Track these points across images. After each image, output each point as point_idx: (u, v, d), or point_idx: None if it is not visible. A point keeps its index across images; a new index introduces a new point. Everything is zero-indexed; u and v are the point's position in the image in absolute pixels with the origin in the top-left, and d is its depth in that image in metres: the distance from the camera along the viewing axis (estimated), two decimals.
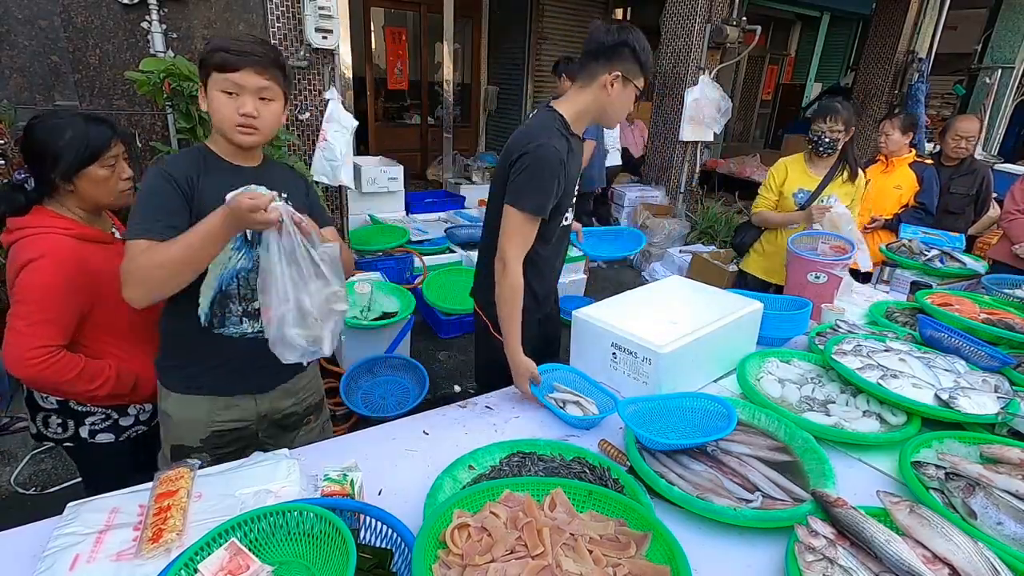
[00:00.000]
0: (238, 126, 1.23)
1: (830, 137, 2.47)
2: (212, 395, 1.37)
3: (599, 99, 1.58)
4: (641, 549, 0.96)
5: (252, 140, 1.27)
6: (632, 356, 1.53)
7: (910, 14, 6.33)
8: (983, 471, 1.13)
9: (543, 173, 1.50)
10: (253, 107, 1.22)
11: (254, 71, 1.21)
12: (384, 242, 4.28)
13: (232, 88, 1.21)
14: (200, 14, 2.97)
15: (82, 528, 1.00)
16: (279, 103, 1.28)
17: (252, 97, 1.22)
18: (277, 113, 1.29)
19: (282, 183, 1.34)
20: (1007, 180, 4.04)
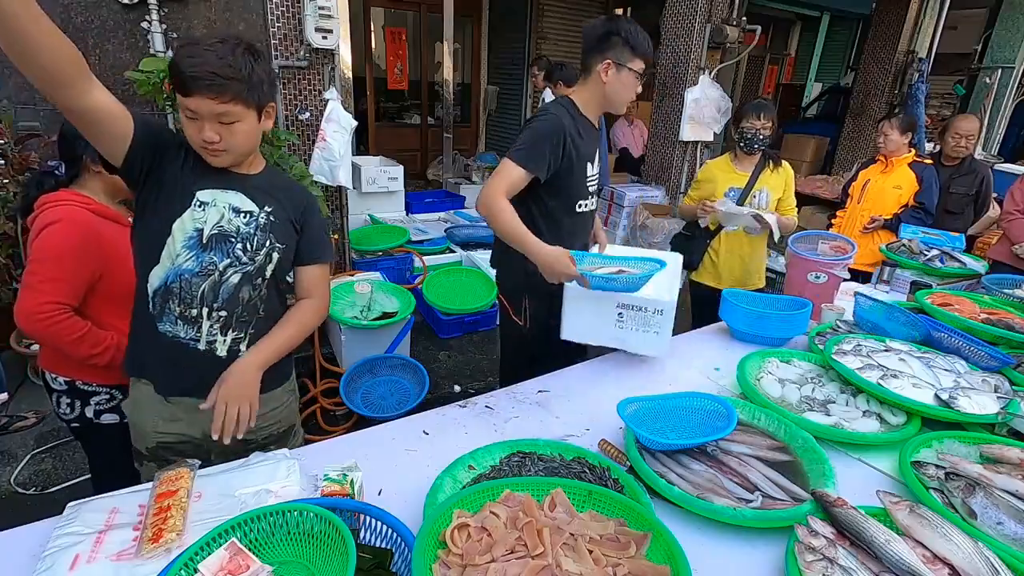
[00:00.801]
0: (203, 149, 1.18)
1: (763, 134, 2.52)
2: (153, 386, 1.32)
3: (599, 88, 1.75)
4: (641, 549, 0.96)
5: (222, 161, 1.21)
6: (642, 312, 1.69)
7: (910, 14, 6.33)
8: (983, 471, 1.13)
9: (544, 133, 1.69)
10: (213, 133, 1.14)
11: (207, 97, 1.10)
12: (384, 242, 4.29)
13: (190, 113, 1.13)
14: (200, 14, 2.97)
15: (82, 528, 1.00)
16: (247, 122, 1.18)
17: (211, 122, 1.14)
18: (245, 132, 1.19)
19: (272, 197, 1.30)
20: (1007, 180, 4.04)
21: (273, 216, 1.30)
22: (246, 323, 1.31)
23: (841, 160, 7.09)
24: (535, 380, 1.68)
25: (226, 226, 1.25)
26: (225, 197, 1.25)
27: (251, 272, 1.29)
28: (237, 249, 1.26)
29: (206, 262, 1.24)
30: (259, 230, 1.28)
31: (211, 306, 1.27)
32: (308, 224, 1.38)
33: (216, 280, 1.25)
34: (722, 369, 1.76)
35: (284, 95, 3.28)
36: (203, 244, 1.23)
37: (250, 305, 1.31)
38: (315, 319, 1.42)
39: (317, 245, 1.41)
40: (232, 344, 1.30)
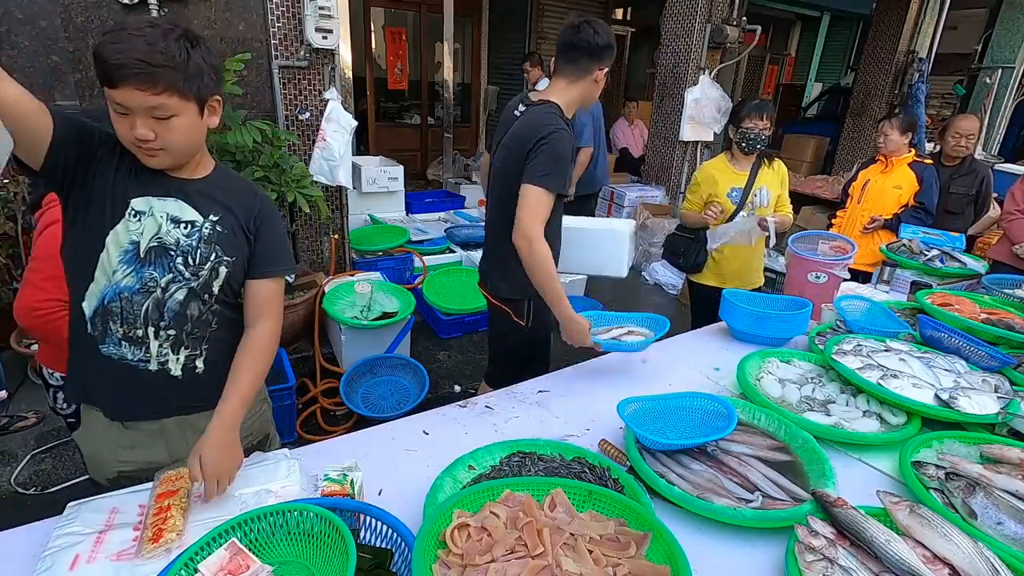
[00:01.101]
0: (137, 148, 1.04)
1: (765, 134, 2.53)
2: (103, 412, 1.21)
3: (588, 90, 1.81)
4: (641, 549, 0.96)
5: (160, 162, 1.08)
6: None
7: (910, 14, 6.33)
8: (983, 471, 1.13)
9: (564, 154, 1.69)
10: (146, 129, 1.00)
11: (136, 88, 0.96)
12: (384, 242, 4.29)
13: (119, 108, 0.99)
14: (200, 14, 2.97)
15: (82, 528, 1.00)
16: (185, 117, 1.04)
17: (143, 117, 1.00)
18: (184, 129, 1.05)
19: (219, 204, 1.18)
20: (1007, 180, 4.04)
21: (220, 226, 1.17)
22: (199, 339, 1.20)
23: (841, 160, 7.09)
24: (535, 380, 1.68)
25: (165, 238, 1.12)
26: (163, 205, 1.12)
27: (196, 288, 1.17)
28: (178, 263, 1.14)
29: (146, 278, 1.12)
30: (202, 242, 1.16)
31: (157, 325, 1.15)
32: (263, 232, 1.23)
33: (159, 297, 1.14)
34: (722, 369, 1.76)
35: (284, 95, 3.28)
36: (141, 258, 1.11)
37: (201, 321, 1.19)
38: (271, 351, 1.25)
39: (271, 256, 1.24)
40: (187, 362, 1.20)
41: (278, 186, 2.84)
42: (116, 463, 1.22)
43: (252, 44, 3.14)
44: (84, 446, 1.26)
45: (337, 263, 3.70)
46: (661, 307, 4.68)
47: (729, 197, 2.60)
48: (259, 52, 3.16)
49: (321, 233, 3.69)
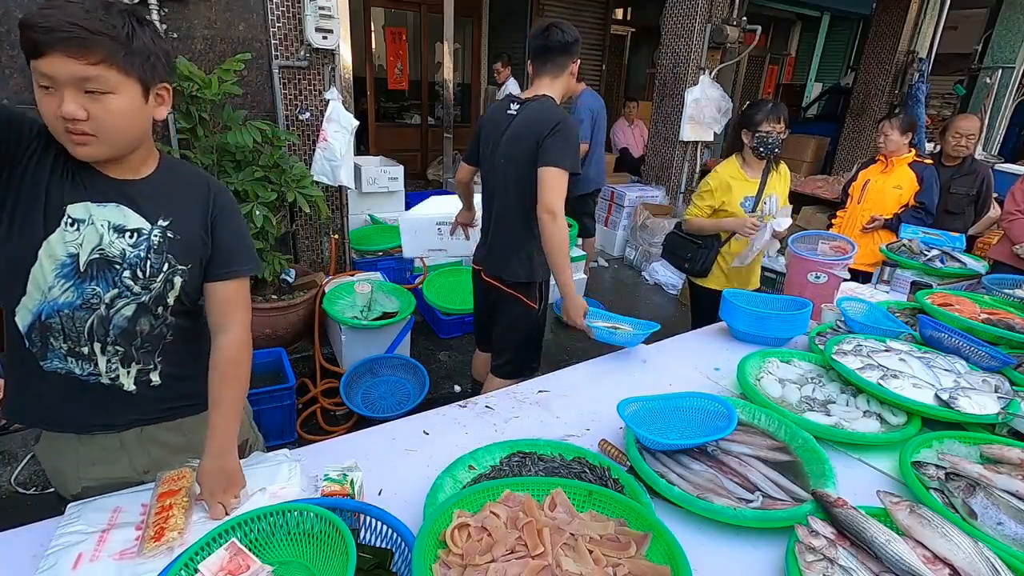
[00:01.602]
0: (65, 134, 0.89)
1: (781, 138, 2.46)
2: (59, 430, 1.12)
3: (568, 83, 2.04)
4: (641, 549, 0.96)
5: (91, 152, 0.92)
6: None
7: (910, 14, 6.33)
8: (983, 471, 1.13)
9: (575, 138, 1.91)
10: (75, 106, 0.86)
11: (65, 54, 0.83)
12: (384, 242, 4.29)
13: (45, 81, 0.85)
14: (200, 14, 2.97)
15: (86, 527, 1.01)
16: (124, 97, 0.90)
17: (73, 91, 0.86)
18: (122, 112, 0.91)
19: (168, 206, 1.05)
20: (1007, 180, 4.04)
21: (171, 231, 1.05)
22: (150, 352, 1.11)
23: (841, 160, 7.09)
24: (535, 380, 1.68)
25: (108, 250, 1.00)
26: (103, 212, 0.99)
27: (147, 303, 1.06)
28: (125, 277, 1.02)
29: (88, 294, 1.00)
30: (152, 252, 1.03)
31: (103, 341, 1.05)
32: (220, 227, 1.10)
33: (103, 314, 1.03)
34: (722, 369, 1.76)
35: (284, 95, 3.28)
36: (81, 272, 0.99)
37: (152, 336, 1.09)
38: (243, 361, 1.14)
39: (230, 254, 1.12)
40: (139, 375, 1.11)
41: (278, 186, 2.84)
42: (78, 479, 1.14)
43: (252, 44, 3.14)
44: (44, 460, 1.17)
45: (337, 263, 3.70)
46: (661, 307, 4.68)
47: (743, 206, 2.53)
48: (259, 52, 3.16)
49: (321, 233, 3.69)
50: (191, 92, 2.50)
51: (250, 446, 1.40)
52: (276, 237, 2.92)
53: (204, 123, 2.64)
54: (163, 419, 1.18)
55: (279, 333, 2.97)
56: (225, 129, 2.72)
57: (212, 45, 3.04)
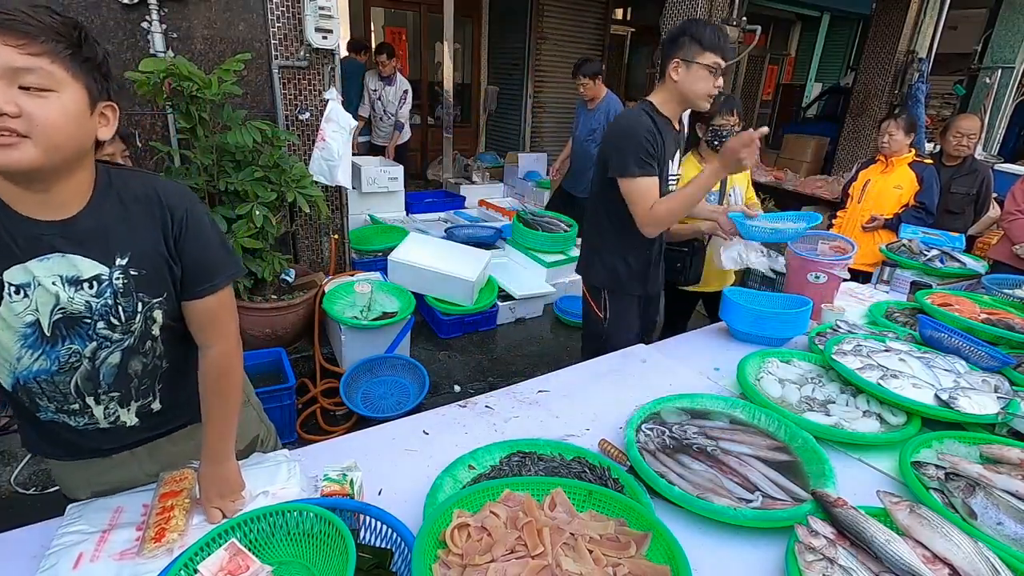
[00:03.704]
0: None
1: (736, 131, 2.43)
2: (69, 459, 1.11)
3: (673, 87, 1.85)
4: (641, 549, 0.96)
5: (19, 159, 0.75)
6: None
7: (910, 14, 6.32)
8: (983, 471, 1.13)
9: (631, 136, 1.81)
10: (3, 99, 0.72)
11: (2, 41, 0.72)
12: (384, 242, 4.29)
13: None
14: (200, 14, 2.97)
15: (87, 527, 1.01)
16: (67, 97, 0.78)
17: (4, 83, 0.73)
18: (63, 114, 0.77)
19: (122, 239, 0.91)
20: (1007, 180, 4.04)
21: (133, 268, 0.93)
22: (149, 387, 1.07)
23: (841, 160, 7.09)
24: (535, 380, 1.68)
25: (70, 307, 0.90)
26: (49, 267, 0.86)
27: (133, 345, 0.99)
28: (100, 329, 0.94)
29: (63, 356, 0.92)
30: (120, 296, 0.93)
31: (95, 394, 0.99)
32: (186, 246, 0.97)
33: (88, 369, 0.96)
34: (722, 369, 1.76)
35: (284, 95, 3.28)
36: (47, 338, 0.90)
37: (149, 371, 1.05)
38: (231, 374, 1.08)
39: (205, 270, 1.01)
40: (140, 409, 1.07)
41: (278, 186, 2.84)
42: (88, 486, 1.13)
43: (252, 44, 3.14)
44: (54, 471, 1.17)
45: (337, 263, 3.70)
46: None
47: (708, 201, 2.50)
48: (259, 52, 3.16)
49: (321, 233, 3.69)
50: (191, 92, 2.49)
51: (261, 441, 1.41)
52: (276, 237, 2.92)
53: (204, 123, 2.64)
54: (171, 431, 1.17)
55: (279, 333, 2.96)
56: (225, 129, 2.72)
57: (212, 45, 3.04)
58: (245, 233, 2.68)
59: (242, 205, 2.71)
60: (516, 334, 4.01)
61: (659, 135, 1.83)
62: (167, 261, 0.97)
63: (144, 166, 2.97)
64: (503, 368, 3.56)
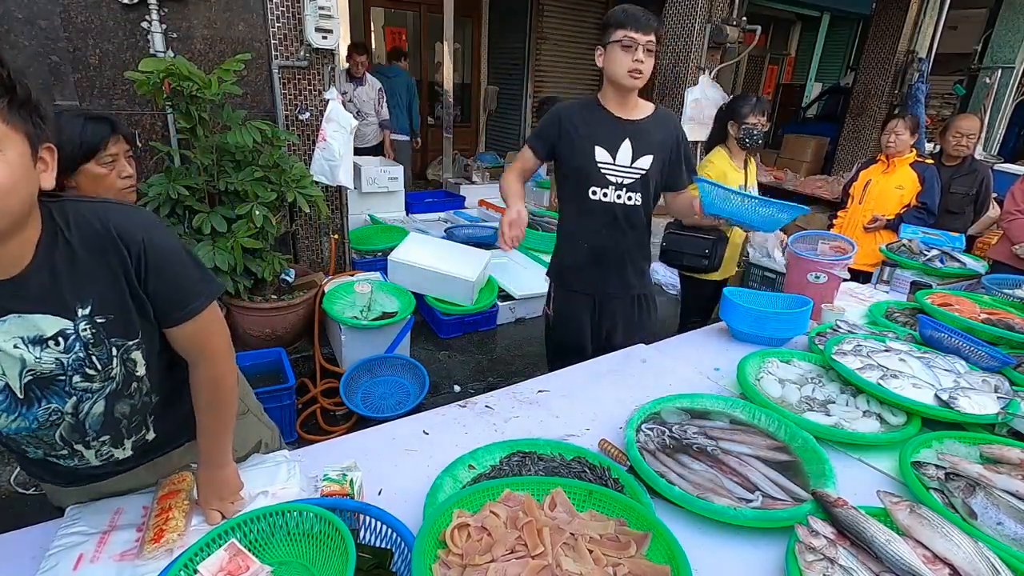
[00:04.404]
0: None
1: (764, 131, 2.63)
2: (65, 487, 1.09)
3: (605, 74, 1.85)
4: (641, 549, 0.96)
5: None
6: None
7: (910, 14, 6.33)
8: (983, 471, 1.13)
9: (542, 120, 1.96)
10: None
11: None
12: (384, 242, 4.29)
13: None
14: (200, 14, 2.97)
15: (87, 528, 1.01)
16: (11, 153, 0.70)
17: None
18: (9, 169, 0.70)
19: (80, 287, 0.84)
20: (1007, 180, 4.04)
21: (99, 315, 0.87)
22: (141, 422, 1.03)
23: (841, 160, 7.09)
24: (535, 379, 1.68)
25: (39, 368, 0.85)
26: (7, 331, 0.81)
27: (117, 390, 0.94)
28: (76, 383, 0.89)
29: (42, 415, 0.88)
30: (91, 347, 0.87)
31: (84, 441, 0.95)
32: (149, 275, 0.89)
33: (72, 423, 0.92)
34: (722, 369, 1.76)
35: (284, 95, 3.28)
36: (22, 400, 0.86)
37: (139, 410, 1.01)
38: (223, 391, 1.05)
39: (177, 299, 0.94)
40: (135, 444, 1.04)
41: (278, 186, 2.84)
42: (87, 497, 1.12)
43: (252, 44, 3.14)
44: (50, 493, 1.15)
45: (337, 263, 3.70)
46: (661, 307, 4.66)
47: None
48: (259, 52, 3.16)
49: (321, 233, 3.69)
50: (191, 92, 2.49)
51: (265, 444, 1.40)
52: (276, 237, 2.92)
53: (204, 123, 2.64)
54: (165, 451, 1.15)
55: (279, 333, 2.96)
56: (225, 129, 2.72)
57: (212, 45, 3.04)
58: (245, 233, 2.68)
59: (242, 205, 2.71)
60: (516, 334, 4.01)
61: (578, 120, 1.88)
62: (133, 300, 0.90)
63: (144, 166, 2.97)
64: (503, 368, 3.56)
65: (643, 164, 1.90)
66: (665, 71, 5.58)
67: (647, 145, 1.89)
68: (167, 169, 2.73)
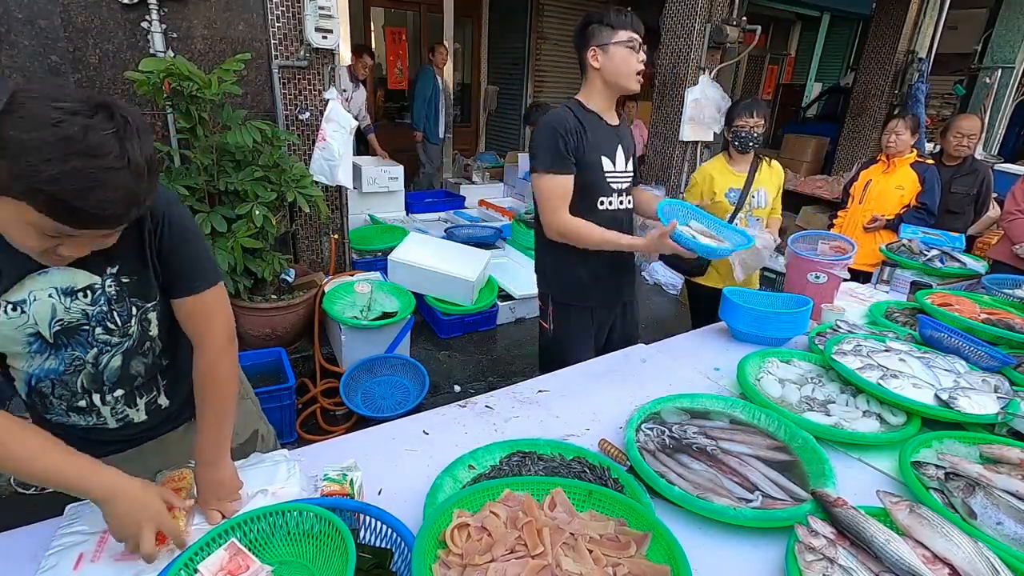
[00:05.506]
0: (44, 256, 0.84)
1: (756, 132, 2.52)
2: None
3: (597, 76, 1.79)
4: (641, 549, 0.96)
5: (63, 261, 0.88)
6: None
7: (910, 14, 6.33)
8: (983, 471, 1.13)
9: (542, 137, 1.76)
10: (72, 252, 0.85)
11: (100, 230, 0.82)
12: (384, 242, 4.29)
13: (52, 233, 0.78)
14: (200, 14, 2.97)
15: (87, 527, 1.01)
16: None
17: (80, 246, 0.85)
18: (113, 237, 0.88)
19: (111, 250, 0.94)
20: (1007, 180, 4.04)
21: (124, 276, 0.99)
22: (153, 382, 1.12)
23: (841, 160, 7.09)
24: (535, 379, 1.68)
25: (67, 317, 0.96)
26: (45, 280, 0.93)
27: (132, 347, 1.04)
28: (98, 335, 1.00)
29: (68, 359, 0.99)
30: (113, 303, 0.99)
31: (101, 392, 1.05)
32: (164, 241, 1.00)
33: (92, 371, 1.02)
34: (722, 369, 1.76)
35: (284, 95, 3.28)
36: (51, 344, 0.97)
37: (151, 368, 1.10)
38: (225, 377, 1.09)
39: (182, 271, 1.03)
40: (148, 406, 1.12)
41: (278, 186, 2.84)
42: None
43: (252, 44, 3.14)
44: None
45: (337, 263, 3.70)
46: (661, 307, 4.68)
47: (727, 197, 2.59)
48: (259, 52, 3.16)
49: (321, 233, 3.69)
50: (191, 92, 2.50)
51: (262, 437, 1.43)
52: (276, 237, 2.92)
53: (204, 123, 2.64)
54: (176, 426, 1.17)
55: (279, 333, 2.96)
56: (225, 129, 2.72)
57: (212, 45, 3.04)
58: (245, 233, 2.68)
59: (242, 205, 2.71)
60: (516, 334, 4.02)
61: (582, 131, 1.76)
62: (151, 264, 1.00)
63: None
64: (503, 368, 3.56)
65: (631, 167, 1.95)
66: (665, 71, 5.58)
67: (629, 148, 1.93)
68: (167, 169, 2.73)
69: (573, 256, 1.88)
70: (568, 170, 1.76)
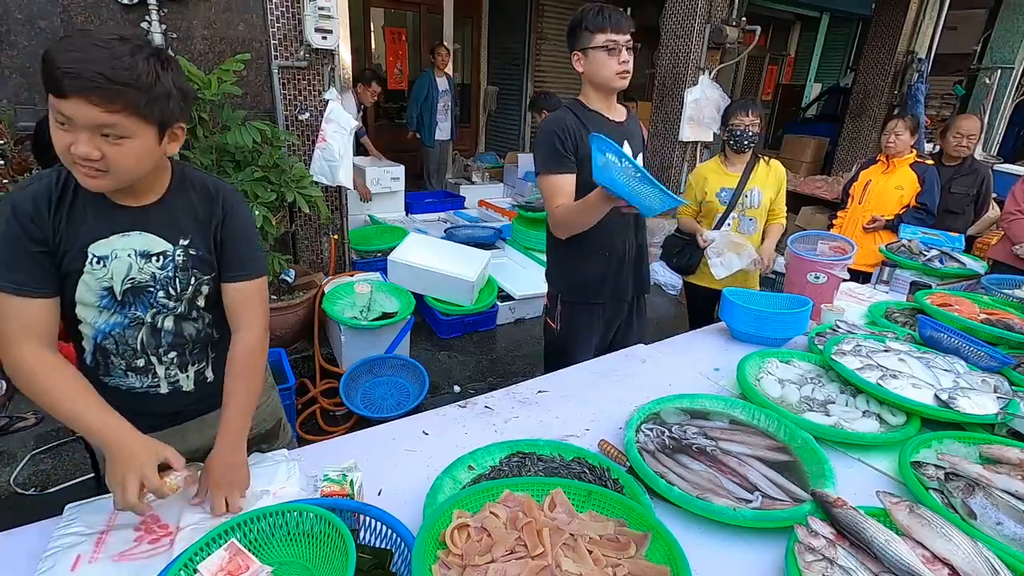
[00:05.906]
0: (75, 165, 0.93)
1: (752, 131, 2.51)
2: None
3: (584, 79, 1.82)
4: (641, 549, 0.96)
5: (99, 185, 0.96)
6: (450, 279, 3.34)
7: (910, 14, 6.33)
8: (983, 471, 1.13)
9: (543, 139, 1.78)
10: (90, 147, 0.89)
11: (87, 101, 0.86)
12: (384, 242, 4.29)
13: (62, 118, 0.88)
14: (200, 14, 2.97)
15: (84, 528, 1.01)
16: (140, 141, 0.94)
17: (90, 134, 0.89)
18: (137, 155, 0.95)
19: (185, 225, 1.11)
20: (1007, 180, 4.04)
21: (192, 249, 1.12)
22: (203, 352, 1.22)
23: (841, 160, 7.09)
24: (535, 380, 1.68)
25: (138, 276, 1.07)
26: (127, 242, 1.05)
27: (183, 312, 1.15)
28: (159, 297, 1.11)
29: (130, 316, 1.10)
30: (178, 270, 1.11)
31: (157, 352, 1.14)
32: (228, 238, 1.15)
33: (150, 330, 1.13)
34: (722, 369, 1.76)
35: (284, 95, 3.28)
36: (119, 300, 1.07)
37: (202, 337, 1.20)
38: (258, 362, 1.20)
39: (243, 259, 1.17)
40: (197, 376, 1.22)
41: (277, 186, 2.84)
42: None
43: (252, 44, 3.14)
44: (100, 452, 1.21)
45: (337, 263, 3.70)
46: (661, 307, 4.67)
47: (718, 197, 2.59)
48: (259, 52, 3.16)
49: (321, 233, 3.69)
50: None
51: (284, 426, 1.50)
52: (276, 237, 2.92)
53: (204, 123, 2.64)
54: (216, 408, 1.20)
55: (279, 333, 2.97)
56: (224, 129, 2.72)
57: (212, 45, 3.04)
58: None
59: None
60: (516, 334, 4.02)
61: (583, 130, 1.75)
62: (214, 244, 1.14)
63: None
64: (503, 368, 3.56)
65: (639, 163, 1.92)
66: (665, 71, 5.58)
67: (637, 145, 1.94)
68: None
69: (580, 254, 1.89)
70: (568, 169, 1.76)
